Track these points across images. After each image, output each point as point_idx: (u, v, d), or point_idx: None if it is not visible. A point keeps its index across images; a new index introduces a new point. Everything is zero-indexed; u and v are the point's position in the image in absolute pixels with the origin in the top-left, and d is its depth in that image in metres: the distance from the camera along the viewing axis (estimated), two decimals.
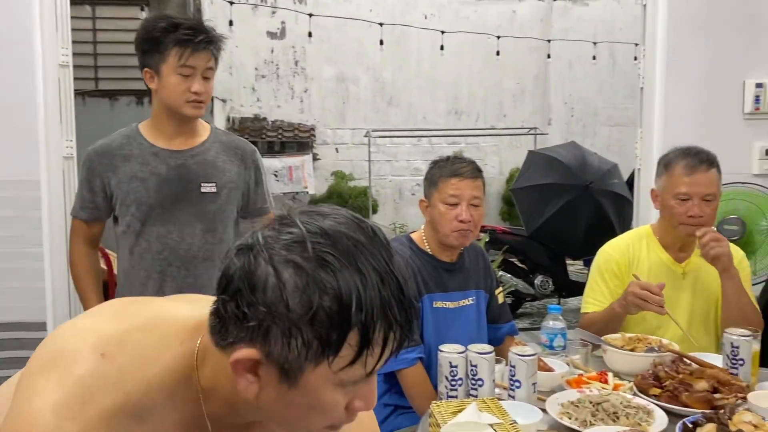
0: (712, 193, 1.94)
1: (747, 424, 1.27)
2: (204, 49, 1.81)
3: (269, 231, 0.71)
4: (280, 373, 0.69)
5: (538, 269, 5.69)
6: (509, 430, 1.15)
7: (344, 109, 7.89)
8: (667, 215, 2.01)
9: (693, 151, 1.99)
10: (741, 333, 1.59)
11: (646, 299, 1.77)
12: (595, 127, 7.96)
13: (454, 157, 1.97)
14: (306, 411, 0.73)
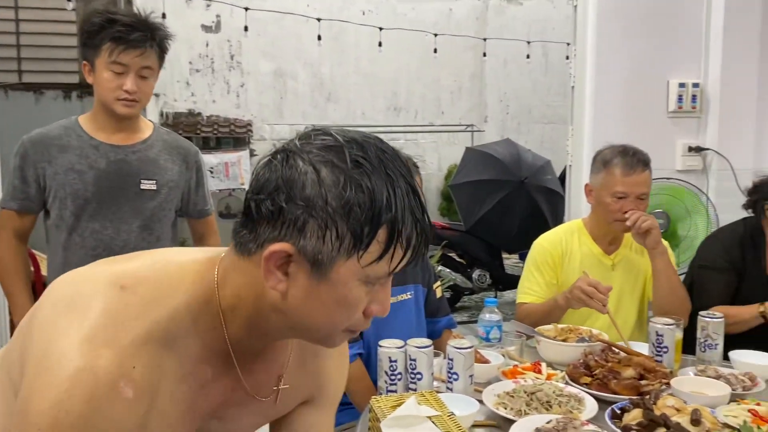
0: (645, 192, 2.05)
1: (670, 408, 1.33)
2: (139, 47, 1.76)
3: (301, 140, 0.76)
4: (312, 267, 0.73)
5: (476, 263, 5.79)
6: (447, 421, 1.17)
7: (282, 104, 7.79)
8: (602, 211, 2.09)
9: (630, 151, 2.09)
10: (665, 322, 1.67)
11: (592, 296, 1.83)
12: (529, 124, 8.16)
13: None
14: (333, 306, 0.76)
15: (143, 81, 1.80)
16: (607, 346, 1.69)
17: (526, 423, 1.33)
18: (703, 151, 3.31)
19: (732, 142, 3.29)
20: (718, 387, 1.49)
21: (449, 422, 1.17)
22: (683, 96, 3.31)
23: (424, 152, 8.09)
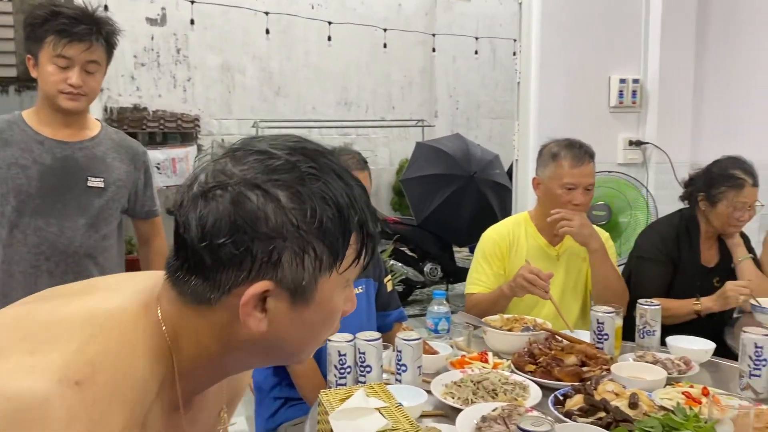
0: (592, 183, 2.15)
1: (609, 392, 1.39)
2: (84, 40, 1.71)
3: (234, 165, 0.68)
4: (292, 296, 0.69)
5: (428, 257, 5.86)
6: (395, 412, 1.19)
7: (230, 98, 7.68)
8: (552, 203, 2.16)
9: (576, 144, 2.18)
10: (605, 310, 1.73)
11: (534, 283, 1.91)
12: (478, 119, 8.27)
13: (339, 149, 1.99)
14: (320, 324, 0.74)
15: (89, 76, 1.76)
16: (551, 335, 1.74)
17: (473, 411, 1.36)
18: (643, 144, 3.43)
19: (670, 136, 3.42)
20: (655, 372, 1.55)
21: (397, 413, 1.19)
22: (624, 91, 3.41)
23: (375, 147, 8.11)
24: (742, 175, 2.24)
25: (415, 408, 1.37)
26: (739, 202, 2.24)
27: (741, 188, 2.24)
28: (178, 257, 0.70)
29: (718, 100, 3.55)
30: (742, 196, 2.24)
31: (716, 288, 2.34)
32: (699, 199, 2.33)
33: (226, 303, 0.68)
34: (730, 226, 2.29)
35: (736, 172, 2.25)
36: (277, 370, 1.88)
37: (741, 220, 2.27)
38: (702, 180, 2.33)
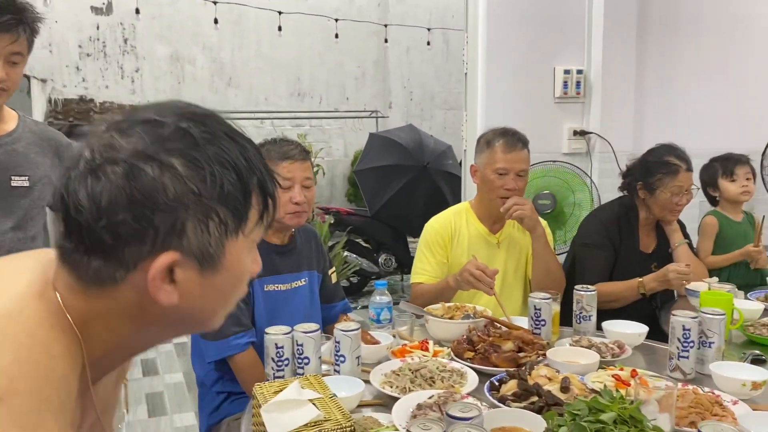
0: (524, 169, 2.20)
1: (543, 377, 1.41)
2: (11, 31, 1.62)
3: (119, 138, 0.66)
4: (201, 263, 0.68)
5: (382, 248, 5.87)
6: (328, 403, 1.19)
7: (180, 89, 7.53)
8: (486, 189, 2.21)
9: (510, 131, 2.23)
10: (542, 296, 1.76)
11: (480, 279, 1.92)
12: (432, 110, 8.32)
13: (280, 139, 1.96)
14: (230, 288, 0.74)
15: (12, 68, 1.67)
16: (490, 322, 1.77)
17: (409, 399, 1.37)
18: (587, 134, 3.50)
19: (613, 125, 3.49)
20: (588, 356, 1.59)
21: (331, 404, 1.19)
22: (568, 82, 3.47)
23: (329, 138, 8.08)
24: (676, 161, 2.31)
25: (352, 398, 1.37)
26: (676, 187, 2.30)
27: (676, 174, 2.31)
28: (72, 240, 0.67)
29: (659, 90, 3.65)
30: (677, 181, 2.30)
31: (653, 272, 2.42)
32: (638, 188, 2.39)
33: (132, 280, 0.67)
34: (669, 212, 2.36)
35: (670, 159, 2.32)
36: (219, 364, 1.86)
37: (679, 204, 2.33)
38: (639, 169, 2.40)
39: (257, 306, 1.90)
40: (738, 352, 1.78)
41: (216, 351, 1.79)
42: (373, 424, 1.30)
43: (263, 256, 2.05)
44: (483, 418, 1.04)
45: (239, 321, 1.78)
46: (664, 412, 1.22)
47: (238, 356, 1.76)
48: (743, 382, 1.43)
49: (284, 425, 1.10)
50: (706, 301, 1.82)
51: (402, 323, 1.87)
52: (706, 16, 3.75)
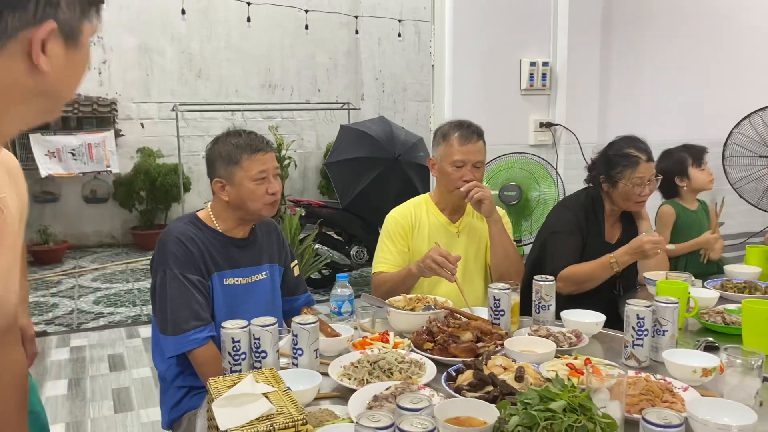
0: (480, 160, 2.23)
1: (498, 367, 1.43)
2: None
3: None
4: (66, 39, 0.74)
5: (354, 240, 5.86)
6: (282, 396, 1.19)
7: (149, 81, 7.42)
8: (445, 180, 2.24)
9: (465, 123, 2.25)
10: (501, 287, 1.78)
11: (442, 266, 1.95)
12: (404, 102, 8.31)
13: (243, 132, 1.95)
14: (82, 69, 0.80)
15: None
16: (450, 313, 1.78)
17: (366, 391, 1.37)
18: (553, 126, 3.54)
19: (578, 117, 3.54)
20: (545, 345, 1.61)
21: (284, 397, 1.19)
22: (534, 74, 3.50)
23: (301, 130, 8.03)
24: (636, 152, 2.35)
25: (309, 391, 1.37)
26: (637, 178, 2.33)
27: (636, 165, 2.34)
28: None
29: (623, 82, 3.70)
30: (638, 173, 2.33)
31: None
32: (601, 181, 2.42)
33: (11, 50, 0.71)
34: (632, 203, 2.39)
35: (630, 151, 2.35)
36: (180, 360, 1.84)
37: (642, 195, 2.36)
38: (601, 163, 2.43)
39: (216, 300, 1.89)
40: (693, 339, 1.82)
41: (175, 346, 1.77)
42: (330, 416, 1.30)
43: (222, 251, 2.04)
44: (433, 409, 1.05)
45: (199, 315, 1.76)
46: (615, 399, 1.24)
47: (197, 351, 1.75)
48: (694, 369, 1.46)
49: (235, 419, 1.09)
50: (662, 290, 1.85)
51: (364, 315, 1.87)
52: (669, 10, 3.80)
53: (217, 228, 1.93)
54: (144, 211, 7.33)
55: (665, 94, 3.81)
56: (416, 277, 2.11)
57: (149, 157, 7.20)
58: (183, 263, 1.81)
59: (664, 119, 3.75)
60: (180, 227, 1.89)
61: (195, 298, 1.80)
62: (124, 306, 5.16)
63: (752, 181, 3.76)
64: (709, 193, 3.87)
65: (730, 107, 3.80)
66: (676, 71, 3.84)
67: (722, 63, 3.96)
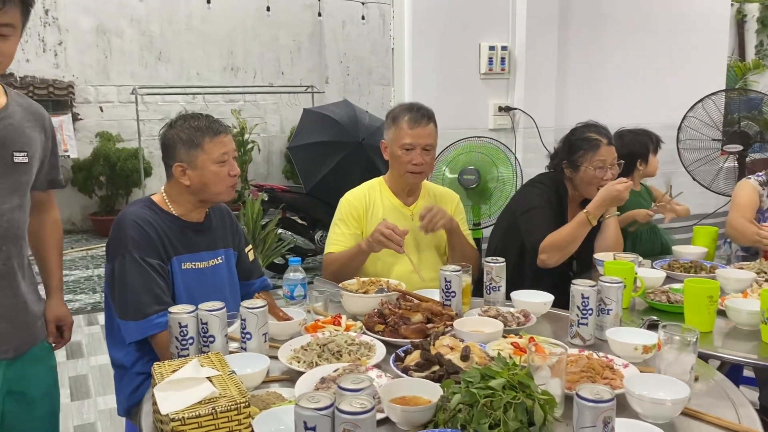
0: (430, 143, 2.22)
1: (445, 347, 1.45)
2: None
3: None
4: None
5: (318, 225, 5.85)
6: (226, 380, 1.19)
7: (107, 64, 7.25)
8: (395, 164, 2.25)
9: (415, 107, 2.25)
10: (452, 269, 1.79)
11: (390, 238, 1.98)
12: (370, 86, 8.28)
13: (200, 115, 1.92)
14: None
15: (3, 40, 1.50)
16: (402, 295, 1.80)
17: (314, 374, 1.38)
18: (512, 110, 3.56)
19: (537, 102, 3.57)
20: (493, 325, 1.64)
21: (228, 381, 1.19)
22: (493, 58, 3.51)
23: (265, 114, 7.95)
24: (596, 136, 2.38)
25: (257, 374, 1.37)
26: (598, 161, 2.37)
27: (597, 149, 2.37)
28: None
29: (581, 67, 3.74)
30: (599, 155, 2.37)
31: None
32: (564, 167, 2.45)
33: None
34: (594, 188, 2.38)
35: (591, 135, 2.39)
36: (140, 345, 1.83)
37: (604, 179, 2.37)
38: (563, 149, 2.46)
39: (176, 284, 1.87)
40: (638, 318, 1.87)
41: (138, 331, 1.76)
42: (277, 399, 1.31)
43: (180, 235, 2.03)
44: (374, 389, 1.07)
45: (161, 299, 1.75)
46: (556, 377, 1.27)
47: (159, 336, 1.73)
48: (635, 347, 1.50)
49: (177, 403, 1.09)
50: (609, 270, 1.90)
51: (317, 299, 1.88)
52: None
53: (172, 212, 1.91)
54: (104, 197, 7.19)
55: (622, 78, 3.87)
56: (366, 253, 2.12)
57: (108, 141, 7.06)
58: (142, 247, 1.79)
59: (620, 104, 3.81)
60: (136, 211, 1.87)
61: (156, 282, 1.78)
62: (83, 293, 5.08)
63: (705, 164, 3.86)
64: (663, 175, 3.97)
65: (685, 92, 3.88)
66: (632, 56, 3.90)
67: (678, 48, 4.03)
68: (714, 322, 1.77)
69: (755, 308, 1.74)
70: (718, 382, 1.45)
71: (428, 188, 2.40)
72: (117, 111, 7.28)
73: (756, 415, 1.30)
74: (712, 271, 2.19)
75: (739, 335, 1.77)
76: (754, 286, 1.99)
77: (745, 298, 1.89)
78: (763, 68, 7.23)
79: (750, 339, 1.74)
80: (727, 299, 1.85)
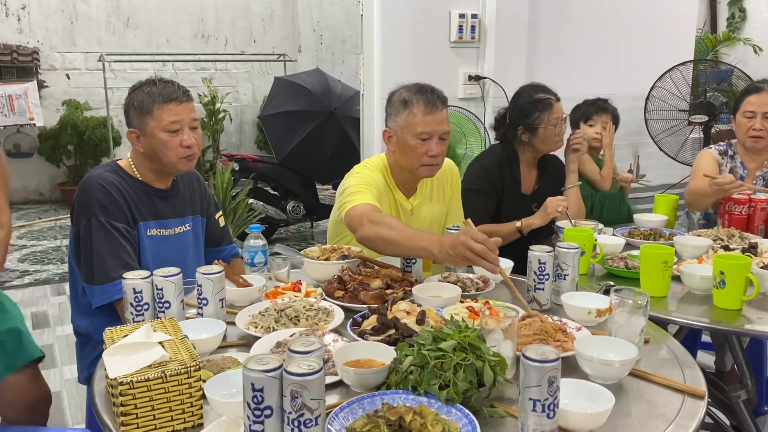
0: (447, 131, 1.98)
1: (402, 311, 1.46)
2: None
3: None
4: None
5: (290, 195, 5.81)
6: (178, 344, 1.19)
7: (73, 29, 7.05)
8: (408, 156, 1.96)
9: (428, 88, 1.98)
10: None
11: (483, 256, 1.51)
12: (343, 54, 8.18)
13: (159, 80, 1.88)
14: None
15: None
16: (362, 261, 1.80)
17: (270, 338, 1.39)
18: (482, 79, 3.55)
19: (506, 71, 3.56)
20: (452, 290, 1.66)
21: (180, 345, 1.19)
22: (463, 26, 3.49)
23: (237, 83, 7.82)
24: (546, 95, 2.43)
25: (212, 339, 1.37)
26: (554, 119, 2.41)
27: (551, 107, 2.41)
28: None
29: (551, 36, 3.73)
30: (554, 113, 2.41)
31: (534, 212, 2.52)
32: (519, 132, 2.46)
33: None
34: (554, 144, 2.46)
35: (541, 95, 2.42)
36: (106, 312, 1.81)
37: (560, 135, 2.45)
38: (514, 114, 2.46)
39: (143, 250, 1.86)
40: (597, 283, 1.90)
41: (103, 295, 1.75)
42: (232, 363, 1.31)
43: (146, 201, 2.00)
44: (324, 352, 1.07)
45: (127, 264, 1.74)
46: (507, 339, 1.29)
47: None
48: (589, 310, 1.53)
49: (126, 367, 1.09)
50: (569, 237, 1.92)
51: (279, 266, 1.88)
52: None
53: (139, 177, 1.89)
54: (72, 167, 7.06)
55: (592, 48, 3.87)
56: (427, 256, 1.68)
57: (76, 109, 6.89)
58: (108, 211, 1.77)
59: (590, 73, 3.81)
60: (102, 174, 1.84)
61: (122, 246, 1.76)
62: (51, 263, 5.01)
63: (671, 135, 3.90)
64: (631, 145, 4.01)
65: (654, 62, 3.90)
66: (602, 26, 3.89)
67: (647, 19, 4.03)
68: (668, 287, 1.81)
69: (708, 273, 1.77)
70: (669, 345, 1.49)
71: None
72: (84, 78, 7.10)
73: (701, 376, 1.33)
74: (671, 238, 2.23)
75: (693, 300, 1.81)
76: (710, 252, 2.04)
77: (700, 263, 1.93)
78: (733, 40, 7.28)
79: (703, 303, 1.78)
80: (682, 265, 1.89)
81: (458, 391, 1.12)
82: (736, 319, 1.68)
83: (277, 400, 0.99)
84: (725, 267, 1.68)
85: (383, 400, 1.12)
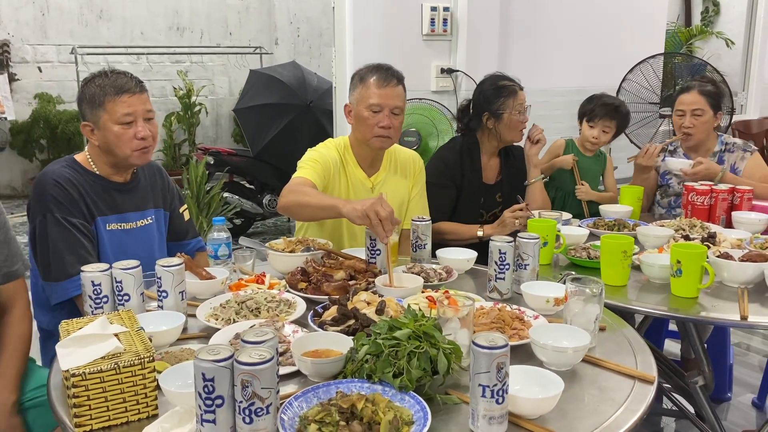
0: (399, 106, 2.10)
1: (362, 302, 1.47)
2: None
3: None
4: None
5: (266, 189, 5.79)
6: (134, 336, 1.19)
7: (45, 21, 6.94)
8: (361, 127, 2.11)
9: (384, 66, 2.14)
10: None
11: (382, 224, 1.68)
12: (320, 47, 8.14)
13: (111, 72, 1.87)
14: None
15: None
16: (326, 253, 1.81)
17: (229, 330, 1.39)
18: (454, 72, 3.57)
19: (478, 64, 3.56)
20: (414, 281, 1.67)
21: (135, 337, 1.19)
22: (435, 19, 3.50)
23: (212, 76, 7.77)
24: (509, 83, 2.46)
25: (171, 331, 1.37)
26: (519, 105, 2.44)
27: (515, 93, 2.45)
28: None
29: (523, 30, 3.75)
30: (519, 100, 2.44)
31: (498, 203, 2.55)
32: (485, 119, 2.47)
33: None
34: (517, 132, 2.47)
35: (504, 83, 2.45)
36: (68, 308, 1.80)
37: (523, 123, 2.47)
38: (480, 101, 2.48)
39: (102, 245, 1.85)
40: (559, 273, 1.93)
41: (61, 292, 1.74)
42: (191, 355, 1.31)
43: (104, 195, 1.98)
44: (277, 342, 1.08)
45: (84, 259, 1.73)
46: (464, 327, 1.31)
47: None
48: (547, 299, 1.56)
49: (79, 359, 1.09)
50: (532, 227, 1.95)
51: (244, 259, 1.88)
52: None
53: (96, 171, 1.87)
54: (45, 161, 6.95)
55: (563, 41, 3.90)
56: (338, 216, 1.81)
57: (48, 103, 6.79)
58: (64, 207, 1.76)
59: (562, 66, 3.85)
60: (57, 170, 1.83)
61: (79, 242, 1.75)
62: None
63: (642, 127, 3.95)
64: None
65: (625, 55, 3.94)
66: (574, 19, 3.93)
67: (619, 12, 4.08)
68: (628, 276, 1.84)
69: (667, 263, 1.81)
70: (625, 333, 1.52)
71: (390, 155, 2.27)
72: (57, 71, 7.00)
73: (653, 362, 1.36)
74: (634, 229, 2.26)
75: (652, 289, 1.85)
76: (671, 242, 2.07)
77: (660, 253, 1.97)
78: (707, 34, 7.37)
79: (661, 292, 1.81)
80: (642, 254, 1.92)
81: (411, 379, 1.13)
82: (692, 307, 1.71)
83: (228, 390, 1.00)
84: (682, 256, 1.72)
85: (338, 389, 1.14)
